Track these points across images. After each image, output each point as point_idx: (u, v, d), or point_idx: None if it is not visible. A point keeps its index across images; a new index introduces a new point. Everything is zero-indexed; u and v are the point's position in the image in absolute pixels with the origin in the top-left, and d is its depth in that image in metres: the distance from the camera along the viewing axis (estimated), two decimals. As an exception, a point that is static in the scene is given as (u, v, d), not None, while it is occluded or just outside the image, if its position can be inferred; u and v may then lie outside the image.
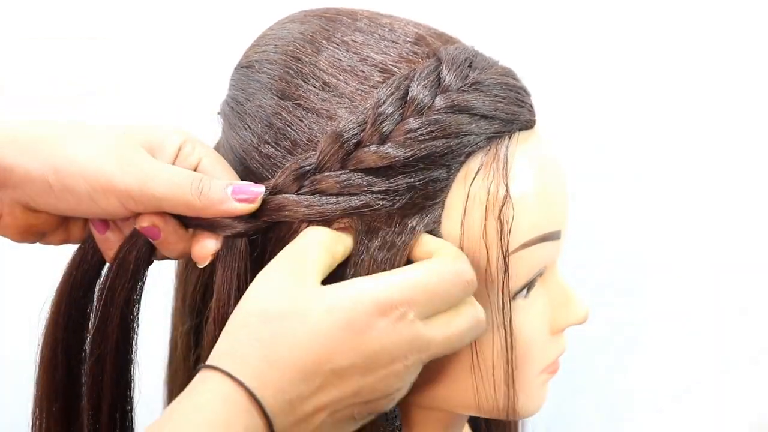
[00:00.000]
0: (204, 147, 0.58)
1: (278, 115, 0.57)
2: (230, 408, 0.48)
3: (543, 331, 0.60)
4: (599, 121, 1.00)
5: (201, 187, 0.54)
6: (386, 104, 0.54)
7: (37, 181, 0.53)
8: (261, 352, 0.49)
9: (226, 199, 0.54)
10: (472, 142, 0.55)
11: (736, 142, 0.99)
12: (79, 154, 0.53)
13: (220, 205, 0.54)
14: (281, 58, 0.59)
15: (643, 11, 0.97)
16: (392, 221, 0.54)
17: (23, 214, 0.56)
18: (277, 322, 0.50)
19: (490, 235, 0.55)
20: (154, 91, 0.95)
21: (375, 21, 0.59)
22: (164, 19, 0.97)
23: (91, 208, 0.54)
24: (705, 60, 0.98)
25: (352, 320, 0.50)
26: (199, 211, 0.55)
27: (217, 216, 0.55)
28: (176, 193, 0.54)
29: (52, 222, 0.58)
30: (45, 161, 0.53)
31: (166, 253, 0.57)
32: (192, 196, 0.54)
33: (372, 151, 0.54)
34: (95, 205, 0.54)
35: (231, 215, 0.55)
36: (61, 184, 0.53)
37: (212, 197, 0.54)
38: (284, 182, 0.55)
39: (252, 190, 0.55)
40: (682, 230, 1.02)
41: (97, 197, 0.54)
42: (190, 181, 0.54)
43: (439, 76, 0.55)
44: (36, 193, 0.54)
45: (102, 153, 0.54)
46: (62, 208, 0.55)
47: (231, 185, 0.55)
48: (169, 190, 0.54)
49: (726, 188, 1.00)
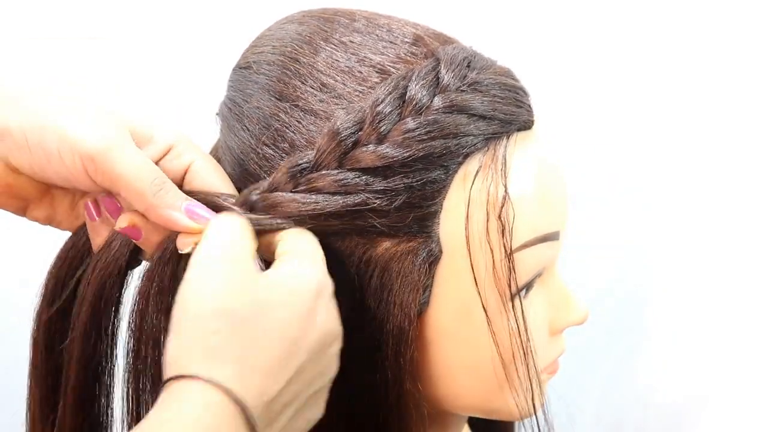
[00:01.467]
0: (199, 152, 0.58)
1: (276, 116, 0.57)
2: (219, 418, 0.47)
3: (542, 331, 0.60)
4: (599, 122, 1.00)
5: (162, 186, 0.54)
6: (384, 104, 0.54)
7: (15, 132, 0.53)
8: (238, 358, 0.48)
9: (177, 208, 0.54)
10: (471, 143, 0.55)
11: (739, 144, 0.99)
12: (58, 112, 0.53)
13: (169, 210, 0.54)
14: (279, 59, 0.59)
15: (643, 11, 0.97)
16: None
17: (3, 171, 0.56)
18: (248, 324, 0.49)
19: (492, 236, 0.55)
20: (154, 91, 0.95)
21: (373, 21, 0.59)
22: (164, 20, 0.97)
23: (60, 168, 0.54)
24: (705, 60, 0.98)
25: (305, 308, 0.51)
26: (148, 206, 0.54)
27: (161, 221, 0.54)
28: (135, 176, 0.53)
29: (33, 189, 0.57)
30: (26, 113, 0.53)
31: (151, 251, 0.57)
32: (149, 188, 0.53)
33: (370, 151, 0.54)
34: (63, 165, 0.53)
35: (173, 226, 0.54)
36: (36, 137, 0.53)
37: (166, 200, 0.54)
38: (280, 180, 0.55)
39: (203, 216, 0.54)
40: (684, 232, 1.02)
41: (64, 155, 0.53)
42: (155, 176, 0.54)
43: (438, 76, 0.55)
44: (14, 145, 0.54)
45: (80, 116, 0.54)
46: (35, 164, 0.54)
47: (189, 201, 0.55)
48: (130, 170, 0.53)
49: (730, 190, 1.00)
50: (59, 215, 0.60)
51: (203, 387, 0.47)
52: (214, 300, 0.49)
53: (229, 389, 0.47)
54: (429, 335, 0.57)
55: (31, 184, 0.57)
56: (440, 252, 0.56)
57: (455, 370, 0.58)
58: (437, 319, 0.57)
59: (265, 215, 0.55)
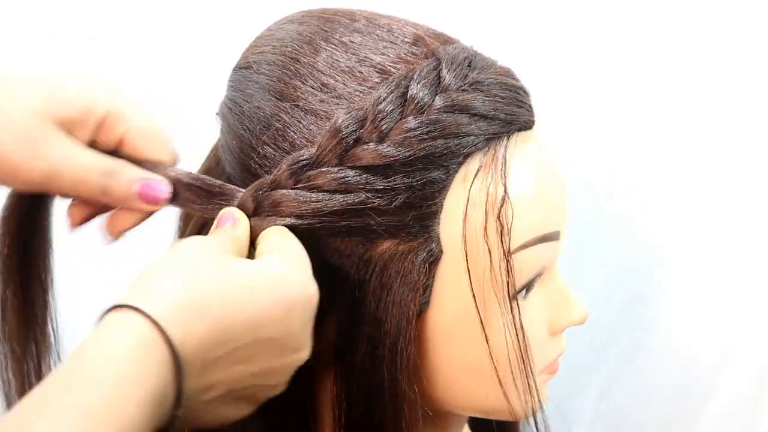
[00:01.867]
0: (131, 116, 0.56)
1: (276, 116, 0.57)
2: (144, 358, 0.43)
3: (542, 331, 0.61)
4: (599, 122, 0.99)
5: (107, 182, 0.54)
6: (386, 102, 0.54)
7: None
8: (190, 301, 0.46)
9: (131, 197, 0.54)
10: (471, 143, 0.55)
11: (740, 143, 0.99)
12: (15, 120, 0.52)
13: (124, 203, 0.55)
14: (279, 59, 0.59)
15: (642, 11, 0.97)
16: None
17: None
18: (211, 277, 0.47)
19: (491, 236, 0.55)
20: (154, 91, 0.95)
21: (373, 21, 0.59)
22: (164, 20, 0.97)
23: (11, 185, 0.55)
24: (706, 60, 0.98)
25: (283, 296, 0.49)
26: (107, 203, 0.55)
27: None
28: (82, 189, 0.54)
29: None
30: None
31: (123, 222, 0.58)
32: (98, 192, 0.54)
33: (371, 149, 0.54)
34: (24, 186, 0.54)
35: (137, 211, 0.55)
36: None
37: (117, 195, 0.54)
38: (281, 177, 0.55)
39: (155, 194, 0.54)
40: (685, 231, 1.02)
41: (8, 182, 0.54)
42: (98, 176, 0.54)
43: (439, 75, 0.55)
44: None
45: (13, 139, 0.52)
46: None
47: (140, 182, 0.54)
48: (75, 186, 0.53)
49: (732, 190, 1.00)
50: None
51: (138, 319, 0.44)
52: (191, 250, 0.49)
53: (166, 330, 0.44)
54: (429, 335, 0.57)
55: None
56: (440, 252, 0.55)
57: (455, 370, 0.58)
58: (437, 319, 0.57)
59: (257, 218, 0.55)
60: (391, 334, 0.55)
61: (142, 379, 0.43)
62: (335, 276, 0.55)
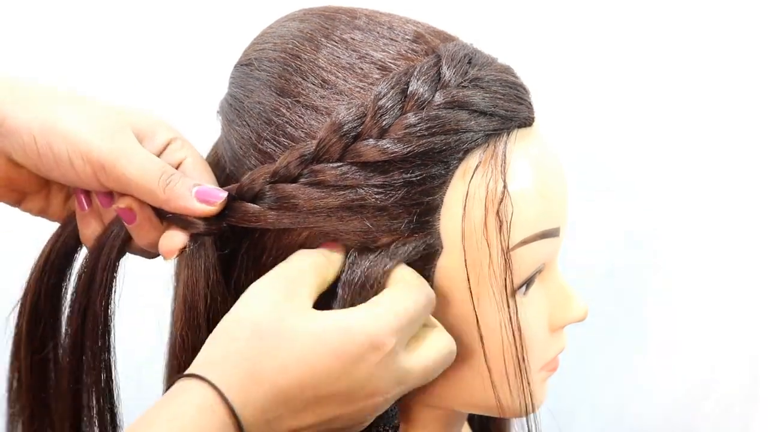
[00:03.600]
0: (192, 149, 0.60)
1: (277, 111, 0.58)
2: (207, 419, 0.48)
3: (542, 328, 0.60)
4: (599, 119, 1.00)
5: (169, 180, 0.55)
6: (386, 98, 0.54)
7: (24, 134, 0.55)
8: (247, 368, 0.49)
9: (189, 197, 0.55)
10: (471, 139, 0.55)
11: (739, 143, 0.99)
12: (67, 117, 0.55)
13: (181, 201, 0.55)
14: (280, 56, 0.59)
15: (642, 10, 0.98)
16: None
17: (6, 165, 0.57)
18: (268, 341, 0.50)
19: (490, 232, 0.55)
20: (154, 90, 0.96)
21: (374, 19, 0.59)
22: (164, 19, 0.97)
23: (68, 172, 0.55)
24: (706, 59, 0.98)
25: (343, 351, 0.50)
26: (162, 202, 0.55)
27: (178, 211, 0.56)
28: (144, 177, 0.55)
29: (33, 183, 0.59)
30: (35, 116, 0.55)
31: (139, 240, 0.58)
32: (158, 186, 0.55)
33: (371, 145, 0.54)
34: (72, 170, 0.55)
35: (191, 213, 0.55)
36: (45, 140, 0.54)
37: (176, 192, 0.55)
38: (287, 168, 0.55)
39: (214, 195, 0.56)
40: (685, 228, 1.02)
41: (74, 161, 0.55)
42: (161, 172, 0.55)
43: (439, 72, 0.55)
44: (20, 145, 0.55)
45: (89, 122, 0.55)
46: (42, 166, 0.56)
47: (197, 186, 0.56)
48: (139, 173, 0.55)
49: (730, 189, 1.00)
50: (53, 207, 0.61)
51: (202, 387, 0.49)
52: (247, 315, 0.51)
53: (226, 395, 0.48)
54: (428, 331, 0.57)
55: (32, 179, 0.59)
56: (440, 247, 0.56)
57: (455, 367, 0.58)
58: (438, 314, 0.57)
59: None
60: None
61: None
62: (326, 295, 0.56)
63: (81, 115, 0.55)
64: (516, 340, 0.57)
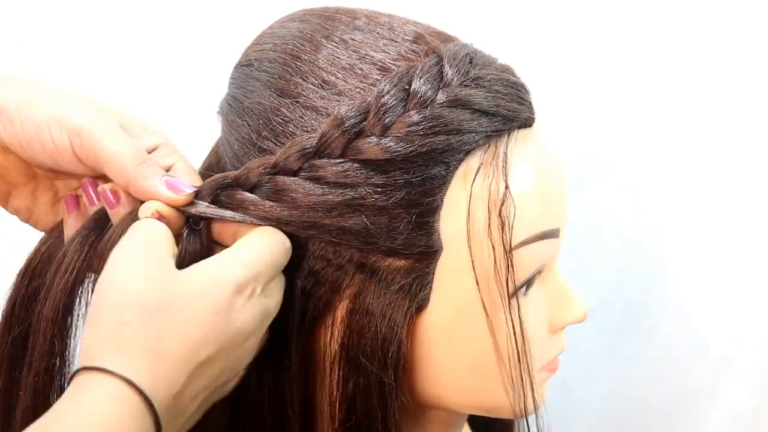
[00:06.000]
0: (181, 156, 0.60)
1: (277, 110, 0.58)
2: (124, 411, 0.47)
3: (542, 329, 0.61)
4: (599, 120, 1.00)
5: (143, 160, 0.55)
6: (389, 95, 0.54)
7: (11, 108, 0.56)
8: (148, 350, 0.49)
9: (158, 181, 0.55)
10: (472, 140, 0.55)
11: (740, 143, 0.99)
12: (51, 93, 0.57)
13: (149, 181, 0.55)
14: (280, 57, 0.59)
15: (642, 9, 0.98)
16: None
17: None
18: (160, 317, 0.49)
19: (494, 233, 0.55)
20: (154, 90, 0.96)
21: (374, 20, 0.59)
22: (164, 19, 0.97)
23: (47, 142, 0.55)
24: (706, 59, 0.98)
25: (219, 304, 0.51)
26: (131, 179, 0.55)
27: (143, 193, 0.55)
28: (118, 151, 0.55)
29: (20, 172, 0.59)
30: (22, 92, 0.56)
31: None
32: (130, 161, 0.55)
33: (373, 143, 0.54)
34: (50, 140, 0.55)
35: (156, 197, 0.55)
36: (28, 110, 0.55)
37: (146, 171, 0.55)
38: (284, 162, 0.55)
39: (184, 185, 0.56)
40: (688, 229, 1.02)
41: (52, 127, 0.55)
42: (136, 151, 0.55)
43: (441, 71, 0.55)
44: (7, 120, 0.56)
45: (74, 99, 0.57)
46: (24, 138, 0.56)
47: (168, 176, 0.56)
48: (114, 144, 0.55)
49: (732, 195, 1.00)
50: (39, 209, 0.61)
51: (109, 379, 0.48)
52: (127, 292, 0.50)
53: (135, 382, 0.47)
54: (429, 332, 0.57)
55: (18, 167, 0.59)
56: (440, 248, 0.56)
57: (455, 368, 0.58)
58: (437, 315, 0.57)
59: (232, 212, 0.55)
60: (390, 331, 0.55)
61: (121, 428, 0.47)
62: (327, 280, 0.56)
63: (67, 96, 0.57)
64: (517, 340, 0.57)
